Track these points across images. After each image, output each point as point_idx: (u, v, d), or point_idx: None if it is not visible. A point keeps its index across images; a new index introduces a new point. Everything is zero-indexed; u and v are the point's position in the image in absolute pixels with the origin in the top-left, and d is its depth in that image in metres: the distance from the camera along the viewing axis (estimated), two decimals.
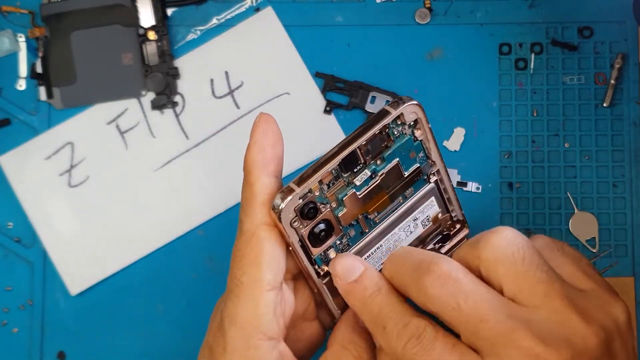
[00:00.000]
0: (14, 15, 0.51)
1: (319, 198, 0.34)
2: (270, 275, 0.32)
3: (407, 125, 0.35)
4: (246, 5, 0.52)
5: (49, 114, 0.51)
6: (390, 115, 0.34)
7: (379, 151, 0.35)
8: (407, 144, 0.35)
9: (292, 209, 0.33)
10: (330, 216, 0.35)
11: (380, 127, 0.34)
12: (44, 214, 0.50)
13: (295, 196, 0.33)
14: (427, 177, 0.37)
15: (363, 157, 0.34)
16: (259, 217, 0.33)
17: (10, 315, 0.50)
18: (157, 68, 0.51)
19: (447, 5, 0.51)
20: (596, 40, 0.51)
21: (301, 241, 0.34)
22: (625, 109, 0.51)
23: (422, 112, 0.35)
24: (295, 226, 0.34)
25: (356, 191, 0.35)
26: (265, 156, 0.34)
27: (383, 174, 0.35)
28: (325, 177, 0.34)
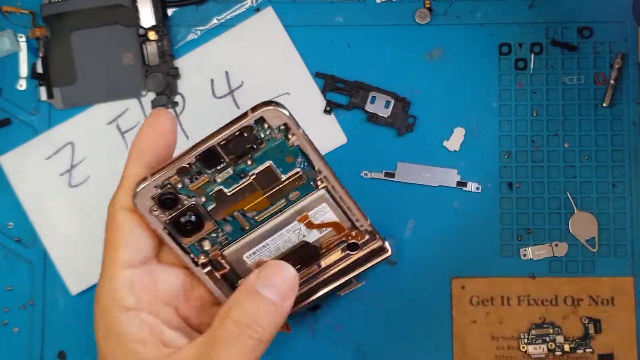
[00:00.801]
0: (15, 15, 0.51)
1: (183, 190, 0.35)
2: (127, 255, 0.35)
3: (277, 130, 0.34)
4: (246, 6, 0.52)
5: (49, 114, 0.51)
6: (246, 118, 0.34)
7: (245, 152, 0.34)
8: (280, 148, 0.35)
9: (149, 197, 0.34)
10: (197, 209, 0.35)
11: (237, 128, 0.34)
12: (44, 214, 0.50)
13: (150, 185, 0.34)
14: (314, 183, 0.36)
15: (226, 155, 0.34)
16: (119, 202, 0.36)
17: (11, 315, 0.50)
18: (157, 68, 0.51)
19: (447, 6, 0.51)
20: (596, 40, 0.51)
21: (166, 229, 0.35)
22: (625, 109, 0.51)
23: (288, 118, 0.34)
24: (156, 214, 0.35)
25: (225, 188, 0.35)
26: (142, 147, 0.36)
27: (254, 175, 0.35)
28: (184, 170, 0.34)
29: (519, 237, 0.50)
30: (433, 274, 0.50)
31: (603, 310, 0.50)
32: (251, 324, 0.33)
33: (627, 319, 0.50)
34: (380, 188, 0.50)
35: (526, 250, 0.50)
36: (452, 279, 0.50)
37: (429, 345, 0.50)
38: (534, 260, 0.50)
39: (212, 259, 0.37)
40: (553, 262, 0.50)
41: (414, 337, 0.50)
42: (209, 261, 0.37)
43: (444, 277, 0.50)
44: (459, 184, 0.50)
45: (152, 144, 0.36)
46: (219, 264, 0.37)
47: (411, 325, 0.50)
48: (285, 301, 0.35)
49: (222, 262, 0.37)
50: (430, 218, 0.50)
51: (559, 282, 0.50)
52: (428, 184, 0.50)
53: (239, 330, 0.33)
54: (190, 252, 0.37)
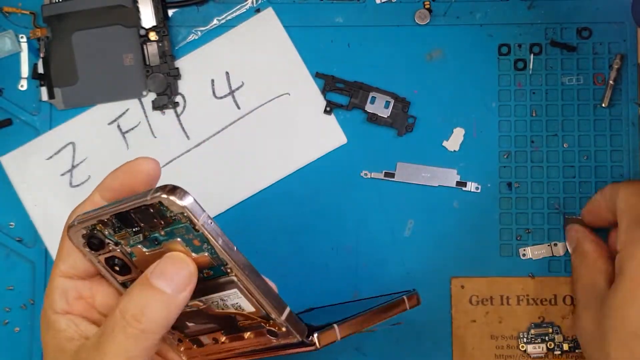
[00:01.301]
0: (16, 15, 0.51)
1: (110, 237, 0.36)
2: (65, 266, 0.37)
3: (182, 214, 0.33)
4: (247, 6, 0.52)
5: (50, 114, 0.51)
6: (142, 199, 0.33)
7: (154, 225, 0.34)
8: (187, 230, 0.34)
9: (79, 235, 0.36)
10: (122, 257, 0.36)
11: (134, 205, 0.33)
12: (45, 214, 0.50)
13: (78, 226, 0.36)
14: (225, 269, 0.35)
15: (138, 222, 0.35)
16: (72, 218, 0.37)
17: (12, 314, 0.50)
18: (158, 68, 0.51)
19: (446, 6, 0.51)
20: (595, 41, 0.51)
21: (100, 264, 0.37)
22: (624, 109, 0.51)
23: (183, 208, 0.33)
24: (87, 251, 0.36)
25: (144, 248, 0.35)
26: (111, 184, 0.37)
27: (167, 246, 0.35)
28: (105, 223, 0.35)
29: (518, 236, 0.50)
30: (433, 274, 0.50)
31: None
32: (136, 313, 0.33)
33: None
34: (380, 188, 0.50)
35: (525, 249, 0.50)
36: (451, 279, 0.50)
37: (428, 345, 0.50)
38: (533, 259, 0.50)
39: None
40: (552, 262, 0.50)
41: (414, 336, 0.50)
42: None
43: (443, 276, 0.50)
44: (459, 184, 0.50)
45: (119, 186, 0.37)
46: None
47: (411, 324, 0.50)
48: (178, 293, 0.34)
49: None
50: (430, 218, 0.50)
51: (558, 282, 0.50)
52: (428, 184, 0.50)
53: (123, 320, 0.33)
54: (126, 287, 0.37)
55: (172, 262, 0.34)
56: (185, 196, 0.33)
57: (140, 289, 0.34)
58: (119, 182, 0.37)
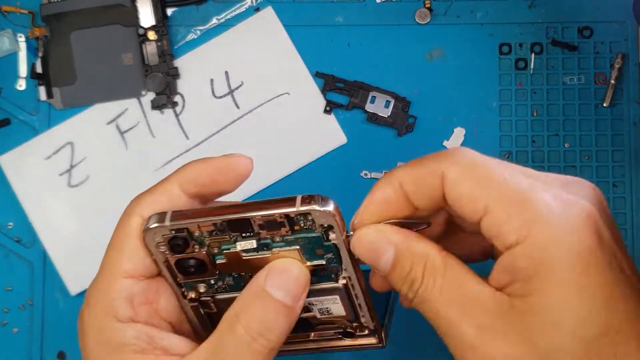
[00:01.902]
0: (14, 15, 0.51)
1: (198, 239, 0.33)
2: (130, 264, 0.32)
3: (320, 225, 0.32)
4: (246, 5, 0.52)
5: (49, 113, 0.51)
6: (292, 209, 0.31)
7: (276, 232, 0.33)
8: (315, 241, 0.33)
9: (161, 235, 0.32)
10: (206, 259, 0.34)
11: (280, 213, 0.32)
12: (44, 214, 0.50)
13: (165, 228, 0.32)
14: (335, 277, 0.34)
15: (257, 228, 0.33)
16: (141, 208, 0.33)
17: (11, 315, 0.50)
18: (157, 68, 0.51)
19: (447, 6, 0.51)
20: (596, 40, 0.51)
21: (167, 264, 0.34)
22: (625, 109, 0.51)
23: (337, 221, 0.32)
24: (162, 250, 0.33)
25: (242, 252, 0.33)
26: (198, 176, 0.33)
27: (279, 252, 0.33)
28: (207, 226, 0.33)
29: None
30: None
31: None
32: (263, 331, 0.31)
33: None
34: None
35: None
36: None
37: (429, 345, 0.50)
38: None
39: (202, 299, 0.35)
40: None
41: (414, 337, 0.50)
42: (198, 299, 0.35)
43: None
44: None
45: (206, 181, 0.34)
46: (207, 305, 0.35)
47: (411, 324, 0.50)
48: (297, 302, 0.32)
49: (212, 304, 0.35)
50: None
51: None
52: None
53: (249, 337, 0.31)
54: (183, 287, 0.35)
55: (289, 270, 0.32)
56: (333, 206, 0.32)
57: (261, 302, 0.31)
58: (209, 178, 0.33)
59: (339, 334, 0.37)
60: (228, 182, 0.34)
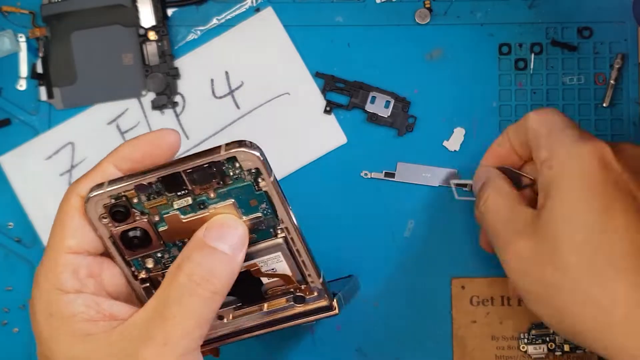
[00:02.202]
0: (15, 15, 0.51)
1: (137, 205, 0.34)
2: (73, 241, 0.34)
3: (247, 171, 0.33)
4: (246, 6, 0.52)
5: (49, 114, 0.51)
6: (217, 155, 0.33)
7: (209, 185, 0.34)
8: (246, 190, 0.34)
9: (101, 204, 0.34)
10: (148, 227, 0.35)
11: (206, 161, 0.33)
12: (44, 214, 0.50)
13: (104, 194, 0.33)
14: (274, 231, 0.35)
15: (189, 183, 0.34)
16: (79, 188, 0.34)
17: (11, 315, 0.50)
18: (157, 68, 0.51)
19: (447, 6, 0.51)
20: (596, 40, 0.51)
21: (112, 238, 0.35)
22: (625, 109, 0.51)
23: (262, 164, 0.33)
24: (105, 222, 0.34)
25: (181, 214, 0.34)
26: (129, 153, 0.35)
27: (215, 209, 0.34)
28: (143, 187, 0.33)
29: None
30: (433, 274, 0.50)
31: None
32: (207, 276, 0.32)
33: None
34: (380, 188, 0.50)
35: None
36: (452, 279, 0.50)
37: (429, 345, 0.50)
38: None
39: (152, 277, 0.36)
40: None
41: (414, 337, 0.50)
42: (149, 278, 0.36)
43: (444, 277, 0.50)
44: (459, 185, 0.50)
45: (137, 156, 0.35)
46: (158, 283, 0.36)
47: (411, 325, 0.50)
48: (237, 253, 0.33)
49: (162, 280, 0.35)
50: (430, 218, 0.50)
51: None
52: (428, 184, 0.50)
53: (193, 283, 0.32)
54: (132, 265, 0.36)
55: (226, 224, 0.34)
56: (259, 150, 0.33)
57: (202, 252, 0.33)
58: (141, 153, 0.35)
59: (290, 300, 0.38)
60: (160, 154, 0.35)
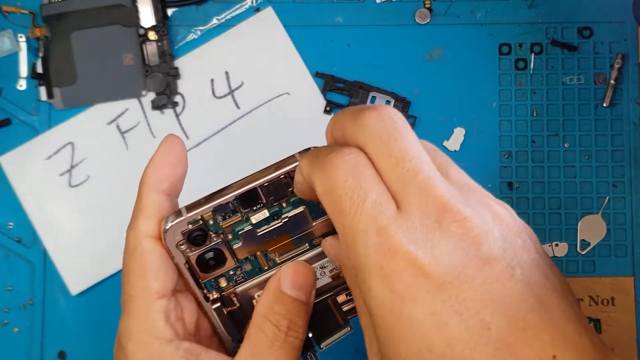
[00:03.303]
0: (15, 15, 0.51)
1: (213, 227, 0.34)
2: (158, 283, 0.33)
3: None
4: (246, 6, 0.52)
5: (49, 114, 0.51)
6: (295, 163, 0.33)
7: (283, 195, 0.34)
8: None
9: (179, 232, 0.33)
10: (223, 246, 0.35)
11: (284, 172, 0.33)
12: (44, 214, 0.50)
13: (183, 221, 0.33)
14: None
15: (265, 197, 0.34)
16: (143, 230, 0.34)
17: (11, 315, 0.50)
18: (157, 68, 0.51)
19: (447, 6, 0.51)
20: (596, 40, 0.51)
21: (188, 264, 0.35)
22: (625, 109, 0.51)
23: None
24: (182, 249, 0.34)
25: (255, 228, 0.35)
26: (160, 174, 0.35)
27: (287, 218, 0.35)
28: (220, 208, 0.34)
29: None
30: None
31: (603, 310, 0.50)
32: (291, 325, 0.34)
33: (627, 319, 0.50)
34: None
35: None
36: None
37: None
38: None
39: (224, 296, 0.37)
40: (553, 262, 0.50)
41: None
42: (220, 297, 0.37)
43: None
44: None
45: (169, 171, 0.35)
46: (229, 300, 0.37)
47: None
48: (310, 297, 0.35)
49: (234, 299, 0.37)
50: None
51: None
52: None
53: (282, 333, 0.34)
54: (204, 288, 0.36)
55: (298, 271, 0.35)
56: None
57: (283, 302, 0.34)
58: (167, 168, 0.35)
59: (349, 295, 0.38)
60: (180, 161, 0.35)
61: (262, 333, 0.34)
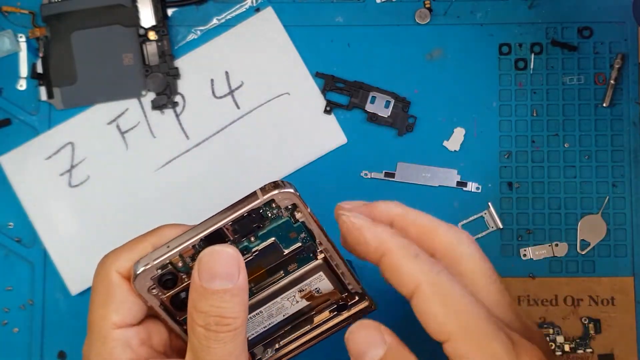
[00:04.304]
0: (15, 15, 0.51)
1: (183, 268, 0.34)
2: (118, 317, 0.34)
3: (284, 209, 0.34)
4: (246, 6, 0.52)
5: (49, 114, 0.51)
6: (257, 201, 0.33)
7: (250, 231, 0.34)
8: (285, 226, 0.35)
9: (149, 278, 0.34)
10: None
11: (247, 210, 0.33)
12: (44, 214, 0.50)
13: (152, 268, 0.34)
14: (314, 254, 0.36)
15: (231, 235, 0.34)
16: (116, 264, 0.34)
17: (11, 315, 0.50)
18: (157, 68, 0.51)
19: (447, 6, 0.51)
20: (596, 40, 0.51)
21: (163, 305, 0.35)
22: (625, 109, 0.51)
23: (298, 199, 0.34)
24: (154, 293, 0.35)
25: None
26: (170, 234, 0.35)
27: (257, 251, 0.35)
28: (188, 251, 0.34)
29: (519, 237, 0.50)
30: None
31: (603, 310, 0.50)
32: (219, 320, 0.33)
33: (627, 319, 0.50)
34: (380, 188, 0.50)
35: (526, 250, 0.50)
36: None
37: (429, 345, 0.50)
38: (534, 260, 0.50)
39: None
40: (553, 262, 0.50)
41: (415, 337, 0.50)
42: None
43: None
44: (459, 184, 0.50)
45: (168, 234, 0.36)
46: None
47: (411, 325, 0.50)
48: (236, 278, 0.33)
49: None
50: None
51: (558, 282, 0.50)
52: (428, 184, 0.50)
53: (213, 332, 0.33)
54: (184, 324, 0.36)
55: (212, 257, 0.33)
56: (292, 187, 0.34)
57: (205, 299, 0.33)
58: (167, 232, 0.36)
59: (334, 311, 0.39)
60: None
61: (193, 336, 0.33)
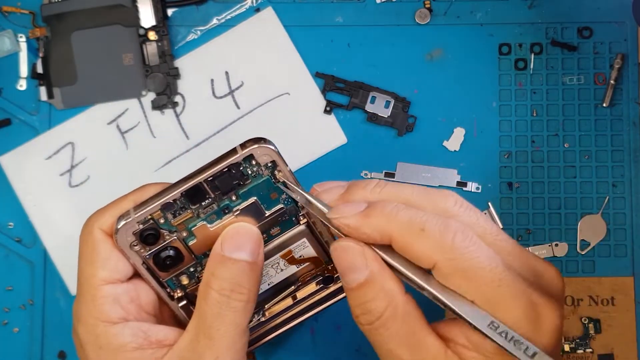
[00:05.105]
0: (15, 15, 0.51)
1: (165, 225, 0.35)
2: (105, 272, 0.35)
3: (264, 166, 0.34)
4: (246, 6, 0.52)
5: (49, 114, 0.51)
6: (236, 155, 0.34)
7: (231, 188, 0.34)
8: (266, 185, 0.35)
9: (131, 232, 0.34)
10: (178, 244, 0.35)
11: (225, 165, 0.34)
12: (44, 214, 0.50)
13: (132, 221, 0.34)
14: (297, 219, 0.37)
15: (211, 191, 0.34)
16: (100, 221, 0.35)
17: (11, 315, 0.50)
18: (157, 68, 0.51)
19: (447, 6, 0.51)
20: (596, 40, 0.51)
21: (145, 264, 0.35)
22: (625, 109, 0.51)
23: (277, 156, 0.34)
24: (137, 249, 0.35)
25: (208, 224, 0.35)
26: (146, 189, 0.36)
27: (238, 211, 0.35)
28: (168, 206, 0.34)
29: (519, 237, 0.50)
30: None
31: (603, 310, 0.50)
32: (235, 287, 0.33)
33: (627, 319, 0.50)
34: None
35: None
36: None
37: None
38: None
39: (188, 293, 0.37)
40: (553, 262, 0.50)
41: None
42: (185, 295, 0.37)
43: None
44: (459, 184, 0.50)
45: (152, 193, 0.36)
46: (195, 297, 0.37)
47: None
48: (257, 256, 0.34)
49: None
50: None
51: None
52: (428, 184, 0.50)
53: (225, 297, 0.33)
54: (167, 287, 0.37)
55: (239, 232, 0.35)
56: (272, 143, 0.34)
57: (225, 266, 0.34)
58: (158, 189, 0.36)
59: (320, 283, 0.39)
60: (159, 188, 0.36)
61: (204, 301, 0.34)
